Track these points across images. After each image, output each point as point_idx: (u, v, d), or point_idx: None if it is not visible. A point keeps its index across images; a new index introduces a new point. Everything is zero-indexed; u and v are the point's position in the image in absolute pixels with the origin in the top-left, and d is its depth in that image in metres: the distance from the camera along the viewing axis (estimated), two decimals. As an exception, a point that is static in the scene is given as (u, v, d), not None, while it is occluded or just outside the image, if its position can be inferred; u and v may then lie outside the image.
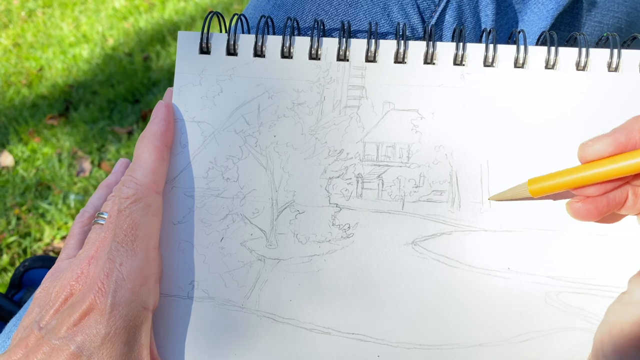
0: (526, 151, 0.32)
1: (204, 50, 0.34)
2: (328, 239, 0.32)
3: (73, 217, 1.15)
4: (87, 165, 1.28)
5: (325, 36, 0.34)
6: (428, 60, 0.33)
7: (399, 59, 0.33)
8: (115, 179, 0.37)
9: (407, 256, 0.32)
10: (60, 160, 1.30)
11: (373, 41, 0.33)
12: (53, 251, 1.12)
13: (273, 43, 0.33)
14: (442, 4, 0.38)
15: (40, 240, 1.14)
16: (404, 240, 0.32)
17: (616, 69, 0.32)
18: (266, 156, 0.33)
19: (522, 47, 0.32)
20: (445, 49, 0.33)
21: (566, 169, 0.29)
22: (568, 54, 0.32)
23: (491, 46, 0.32)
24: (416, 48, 0.33)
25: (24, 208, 1.20)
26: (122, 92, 1.44)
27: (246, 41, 0.33)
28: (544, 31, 0.33)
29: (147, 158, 0.31)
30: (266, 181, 0.33)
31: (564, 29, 0.43)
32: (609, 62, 0.32)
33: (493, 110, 0.32)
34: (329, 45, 0.33)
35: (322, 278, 0.32)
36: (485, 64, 0.32)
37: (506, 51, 0.32)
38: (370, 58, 0.33)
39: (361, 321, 0.32)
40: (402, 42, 0.32)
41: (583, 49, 0.32)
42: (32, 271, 0.77)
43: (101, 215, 0.32)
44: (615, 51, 0.32)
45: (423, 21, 0.38)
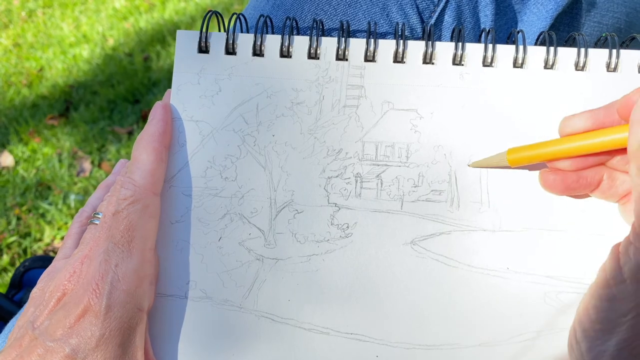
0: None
1: (203, 49, 0.34)
2: (327, 239, 0.32)
3: (73, 217, 1.15)
4: (88, 165, 1.29)
5: (324, 36, 0.33)
6: (427, 60, 0.33)
7: (398, 59, 0.33)
8: (115, 180, 0.37)
9: (406, 256, 0.32)
10: (60, 160, 1.30)
11: (372, 41, 0.33)
12: (53, 251, 1.12)
13: (272, 42, 0.33)
14: (442, 4, 0.37)
15: (40, 240, 1.14)
16: (403, 239, 0.32)
17: (615, 69, 0.32)
18: (265, 155, 0.33)
19: (521, 47, 0.32)
20: (444, 49, 0.33)
21: (544, 142, 0.30)
22: (567, 54, 0.32)
23: (490, 46, 0.32)
24: (415, 48, 0.33)
25: (24, 208, 1.20)
26: (123, 92, 1.45)
27: (245, 40, 0.33)
28: (543, 31, 0.33)
29: (145, 159, 0.31)
30: (265, 180, 0.33)
31: (563, 30, 0.43)
32: (608, 63, 0.32)
33: (492, 110, 0.32)
34: (328, 44, 0.33)
35: (321, 278, 0.32)
36: (484, 64, 0.32)
37: (505, 51, 0.32)
38: (369, 58, 0.33)
39: (360, 321, 0.32)
40: (401, 42, 0.32)
41: (582, 49, 0.32)
42: (32, 271, 0.77)
43: (96, 215, 0.32)
44: (614, 51, 0.32)
45: (422, 21, 0.37)
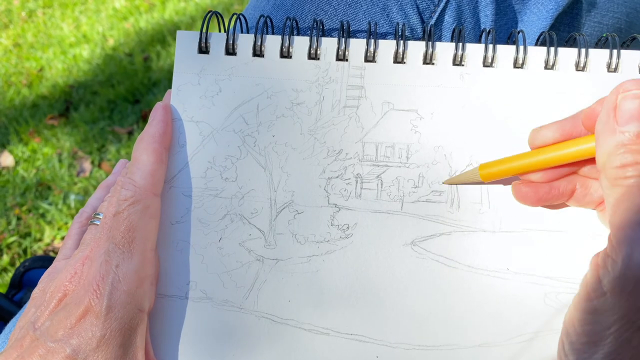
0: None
1: (203, 49, 0.34)
2: (327, 239, 0.32)
3: (73, 218, 1.15)
4: (88, 165, 1.29)
5: (324, 36, 0.33)
6: (427, 60, 0.33)
7: (398, 59, 0.33)
8: (115, 180, 0.37)
9: (406, 256, 0.32)
10: (60, 160, 1.30)
11: (372, 41, 0.33)
12: (53, 251, 1.12)
13: (272, 43, 0.33)
14: (442, 4, 0.37)
15: (40, 240, 1.14)
16: (403, 240, 0.32)
17: (615, 70, 0.32)
18: (265, 156, 0.33)
19: (522, 48, 0.32)
20: (444, 49, 0.33)
21: (515, 155, 0.30)
22: (567, 55, 0.32)
23: (490, 46, 0.32)
24: (415, 48, 0.33)
25: (24, 208, 1.20)
26: (123, 92, 1.44)
27: (245, 41, 0.33)
28: (544, 31, 0.33)
29: (146, 160, 0.31)
30: (265, 181, 0.33)
31: (564, 30, 0.43)
32: (609, 63, 0.32)
33: (492, 110, 0.32)
34: (328, 45, 0.33)
35: (321, 278, 0.32)
36: (484, 64, 0.32)
37: (505, 51, 0.32)
38: (369, 58, 0.33)
39: (360, 322, 0.32)
40: (402, 42, 0.32)
41: (582, 50, 0.32)
42: (33, 271, 0.77)
43: (97, 216, 0.32)
44: (614, 52, 0.32)
45: (422, 21, 0.37)
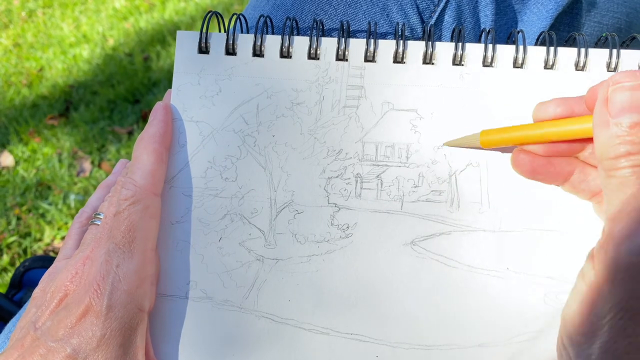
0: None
1: (203, 50, 0.34)
2: (327, 239, 0.32)
3: (73, 218, 1.15)
4: (88, 165, 1.29)
5: (324, 36, 0.33)
6: (427, 60, 0.33)
7: (398, 59, 0.33)
8: (115, 180, 0.37)
9: (406, 256, 0.32)
10: (60, 160, 1.30)
11: (372, 41, 0.33)
12: (53, 251, 1.12)
13: (272, 43, 0.33)
14: (442, 4, 0.37)
15: (40, 240, 1.14)
16: (403, 240, 0.32)
17: (615, 69, 0.32)
18: (265, 156, 0.33)
19: (521, 47, 0.32)
20: (444, 49, 0.33)
21: (516, 125, 0.30)
22: (567, 54, 0.32)
23: (490, 46, 0.32)
24: (415, 48, 0.33)
25: (24, 208, 1.20)
26: (123, 92, 1.44)
27: (245, 41, 0.33)
28: (543, 31, 0.33)
29: (146, 160, 0.31)
30: (265, 181, 0.33)
31: (564, 30, 0.43)
32: (608, 62, 0.32)
33: (492, 110, 0.32)
34: (328, 45, 0.33)
35: (321, 278, 0.32)
36: (484, 64, 0.32)
37: (505, 51, 0.32)
38: (369, 58, 0.33)
39: (360, 321, 0.32)
40: (401, 42, 0.32)
41: (582, 49, 0.32)
42: (32, 271, 0.77)
43: (97, 216, 0.32)
44: (614, 51, 0.32)
45: (422, 21, 0.37)
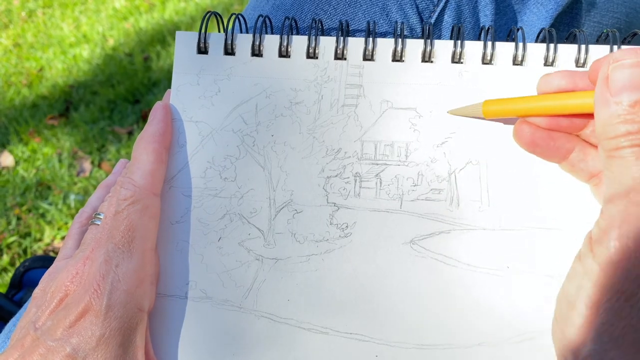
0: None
1: (202, 50, 0.33)
2: (326, 239, 0.32)
3: (73, 217, 1.15)
4: (88, 165, 1.29)
5: (324, 36, 0.33)
6: (426, 58, 0.32)
7: (397, 58, 0.33)
8: (115, 180, 0.37)
9: (406, 255, 0.32)
10: (60, 160, 1.30)
11: (370, 39, 0.32)
12: (53, 251, 1.12)
13: (270, 42, 0.33)
14: (441, 4, 0.37)
15: (40, 240, 1.14)
16: (402, 239, 0.32)
17: (615, 67, 0.32)
18: (264, 155, 0.33)
19: (521, 45, 0.32)
20: (443, 47, 0.32)
21: (518, 97, 0.30)
22: (567, 51, 0.32)
23: (489, 44, 0.32)
24: (414, 46, 0.33)
25: (24, 208, 1.20)
26: (123, 92, 1.44)
27: (244, 41, 0.33)
28: (543, 28, 0.33)
29: (145, 160, 0.31)
30: (264, 180, 0.33)
31: (563, 29, 0.42)
32: (609, 60, 0.32)
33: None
34: (327, 44, 0.33)
35: (320, 277, 0.32)
36: (483, 62, 0.32)
37: (505, 49, 0.32)
38: (367, 57, 0.33)
39: (359, 321, 0.32)
40: (400, 41, 0.32)
41: (582, 46, 0.32)
42: (33, 271, 0.77)
43: (98, 216, 0.32)
44: (615, 48, 0.31)
45: (422, 21, 0.37)
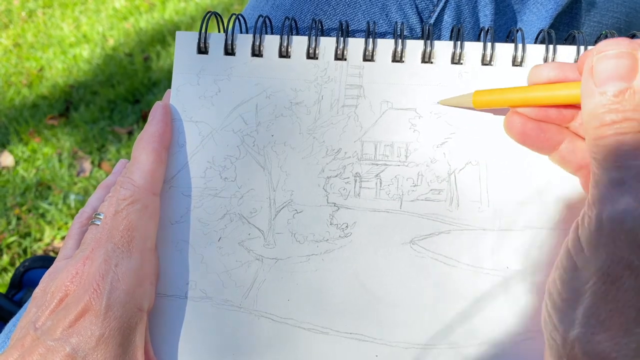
0: (524, 149, 0.32)
1: (202, 50, 0.34)
2: (326, 239, 0.32)
3: (73, 217, 1.15)
4: (88, 165, 1.29)
5: (323, 36, 0.33)
6: (426, 59, 0.33)
7: (397, 58, 0.33)
8: (115, 180, 0.37)
9: (406, 255, 0.32)
10: (60, 160, 1.30)
11: (371, 40, 0.33)
12: (53, 251, 1.12)
13: (271, 43, 0.33)
14: (441, 4, 0.37)
15: (40, 240, 1.14)
16: (402, 239, 0.32)
17: (615, 68, 0.32)
18: (264, 155, 0.33)
19: (520, 46, 0.32)
20: (443, 48, 0.33)
21: (509, 87, 0.30)
22: (567, 52, 0.32)
23: (489, 45, 0.32)
24: (414, 47, 0.33)
25: (24, 208, 1.20)
26: (123, 92, 1.45)
27: (244, 41, 0.33)
28: (543, 29, 0.33)
29: (145, 160, 0.31)
30: (264, 180, 0.33)
31: (563, 29, 0.43)
32: (608, 61, 0.32)
33: (491, 108, 0.32)
34: (327, 44, 0.33)
35: (320, 277, 0.32)
36: (483, 63, 0.32)
37: (504, 49, 0.32)
38: (368, 57, 0.33)
39: (359, 321, 0.32)
40: (400, 41, 0.32)
41: (582, 47, 0.32)
42: (32, 271, 0.77)
43: (98, 216, 0.32)
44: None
45: (421, 21, 0.37)
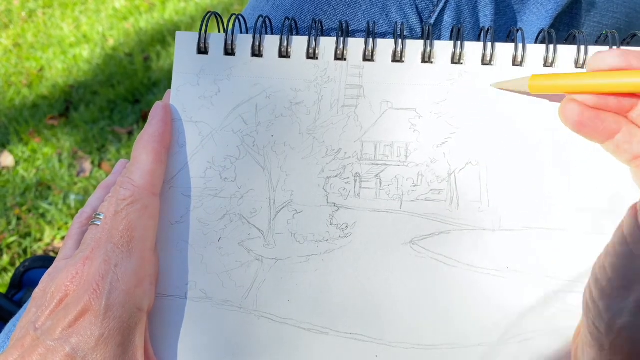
0: (524, 149, 0.32)
1: (202, 50, 0.34)
2: (326, 239, 0.32)
3: (73, 218, 1.15)
4: (88, 165, 1.29)
5: (323, 36, 0.33)
6: (426, 59, 0.32)
7: (397, 58, 0.33)
8: (115, 180, 0.37)
9: (406, 255, 0.32)
10: (60, 160, 1.30)
11: (370, 40, 0.33)
12: (53, 251, 1.12)
13: (271, 43, 0.33)
14: (441, 4, 0.37)
15: (40, 240, 1.14)
16: (402, 239, 0.32)
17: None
18: (264, 156, 0.33)
19: (521, 45, 0.32)
20: (443, 48, 0.33)
21: (569, 73, 0.29)
22: (567, 52, 0.32)
23: (489, 44, 0.32)
24: (414, 47, 0.33)
25: (24, 208, 1.20)
26: (123, 93, 1.44)
27: (244, 41, 0.33)
28: (543, 29, 0.33)
29: (145, 160, 0.31)
30: (264, 181, 0.33)
31: (563, 29, 0.43)
32: (608, 61, 0.32)
33: (492, 108, 0.32)
34: (327, 44, 0.33)
35: (320, 278, 0.32)
36: (483, 63, 0.32)
37: (504, 49, 0.32)
38: (367, 57, 0.33)
39: (359, 321, 0.32)
40: (400, 41, 0.32)
41: (582, 47, 0.32)
42: (33, 271, 0.77)
43: (98, 216, 0.32)
44: (614, 48, 0.31)
45: (422, 21, 0.37)
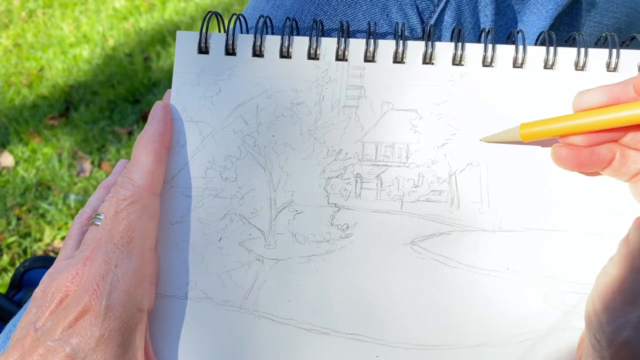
0: (525, 150, 0.32)
1: (203, 50, 0.34)
2: (327, 239, 0.32)
3: (73, 218, 1.15)
4: (88, 165, 1.28)
5: (324, 36, 0.33)
6: (427, 60, 0.33)
7: (398, 59, 0.33)
8: (115, 180, 0.37)
9: (406, 256, 0.32)
10: (60, 160, 1.30)
11: (372, 41, 0.33)
12: (53, 251, 1.12)
13: (272, 43, 0.33)
14: (441, 5, 0.37)
15: (40, 240, 1.14)
16: (403, 240, 0.32)
17: (615, 69, 0.32)
18: (265, 156, 0.33)
19: (521, 47, 0.32)
20: (444, 49, 0.33)
21: (557, 117, 0.29)
22: (567, 54, 0.32)
23: (490, 46, 0.32)
24: (415, 48, 0.33)
25: (24, 208, 1.20)
26: (123, 93, 1.44)
27: (245, 41, 0.33)
28: (543, 31, 0.33)
29: (145, 160, 0.31)
30: (265, 181, 0.33)
31: (563, 30, 0.43)
32: (608, 62, 0.32)
33: (492, 110, 0.32)
34: (328, 45, 0.33)
35: (321, 278, 0.32)
36: (484, 64, 0.32)
37: (505, 51, 0.32)
38: (369, 58, 0.33)
39: (360, 321, 0.32)
40: (401, 42, 0.32)
41: (582, 49, 0.32)
42: (33, 271, 0.77)
43: (98, 216, 0.32)
44: (614, 51, 0.32)
45: (422, 21, 0.37)
